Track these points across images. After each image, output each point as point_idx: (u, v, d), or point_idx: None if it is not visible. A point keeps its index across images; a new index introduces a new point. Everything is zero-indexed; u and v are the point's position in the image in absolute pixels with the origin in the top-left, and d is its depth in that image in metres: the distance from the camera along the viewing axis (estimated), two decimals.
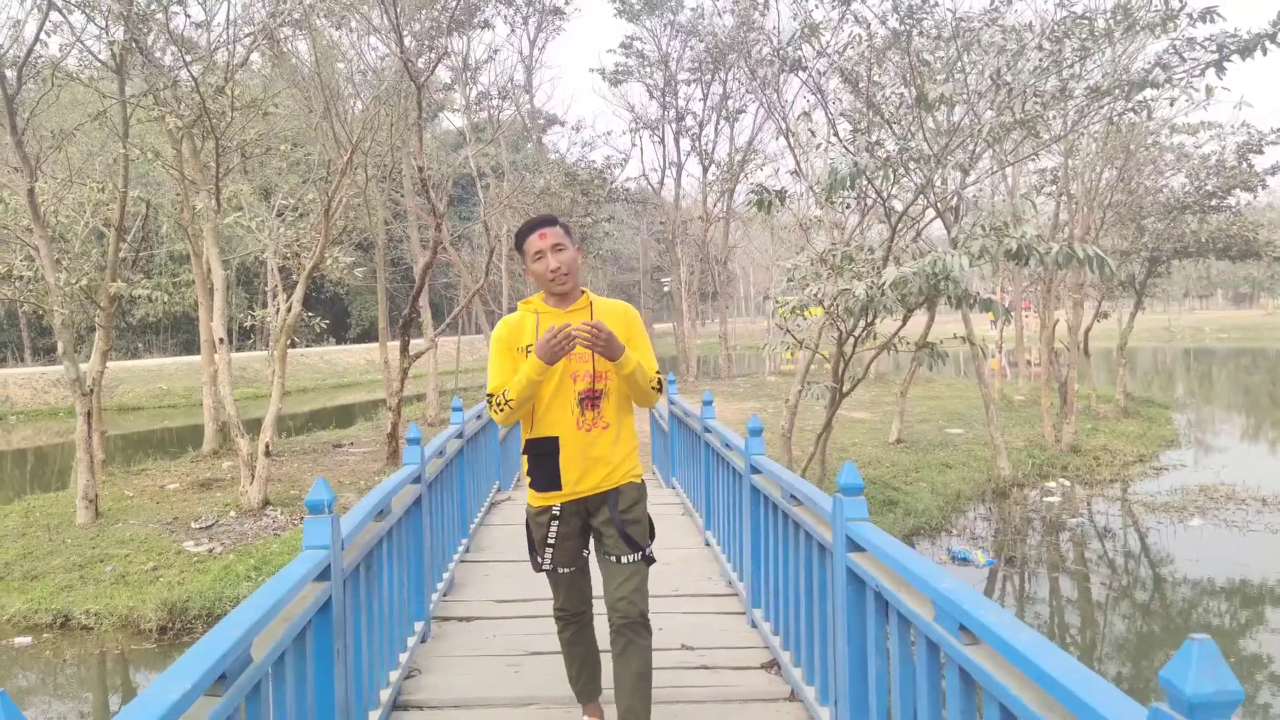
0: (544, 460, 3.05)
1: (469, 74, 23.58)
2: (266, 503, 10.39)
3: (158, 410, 28.61)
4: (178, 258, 27.58)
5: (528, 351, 3.00)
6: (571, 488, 3.04)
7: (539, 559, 3.14)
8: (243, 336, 37.95)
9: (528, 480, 3.11)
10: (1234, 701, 1.28)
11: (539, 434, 3.07)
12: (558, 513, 3.08)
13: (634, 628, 3.04)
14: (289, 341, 11.30)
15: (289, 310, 11.01)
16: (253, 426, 12.02)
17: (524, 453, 3.13)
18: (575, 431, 3.03)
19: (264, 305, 23.04)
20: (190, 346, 35.99)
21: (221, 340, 10.71)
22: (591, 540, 3.21)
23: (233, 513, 10.24)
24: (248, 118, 11.59)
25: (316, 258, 11.20)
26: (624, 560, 3.06)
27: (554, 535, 3.10)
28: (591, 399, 3.03)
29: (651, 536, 3.18)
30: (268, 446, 10.41)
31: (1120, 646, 7.74)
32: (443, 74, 24.93)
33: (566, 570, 3.16)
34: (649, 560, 3.12)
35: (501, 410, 3.02)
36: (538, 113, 29.68)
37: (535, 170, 23.89)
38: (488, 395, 3.07)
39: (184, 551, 9.05)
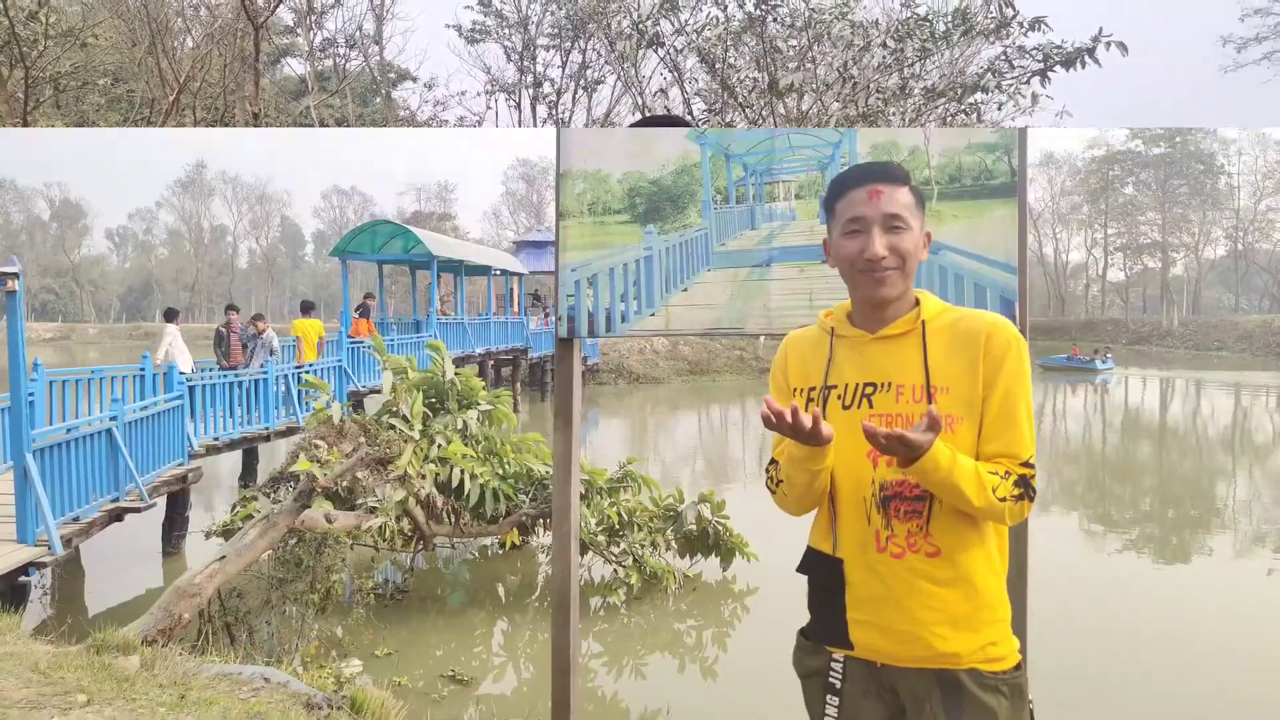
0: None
1: (313, 18, 22.37)
2: None
3: None
4: None
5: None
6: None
7: None
8: None
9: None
10: None
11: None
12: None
13: None
14: None
15: None
16: None
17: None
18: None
19: None
20: None
21: None
22: None
23: None
24: (64, 47, 10.63)
25: None
26: None
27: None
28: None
29: None
30: None
31: None
32: (284, 15, 23.62)
33: None
34: None
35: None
36: (388, 66, 28.54)
37: (384, 127, 22.98)
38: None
39: None
